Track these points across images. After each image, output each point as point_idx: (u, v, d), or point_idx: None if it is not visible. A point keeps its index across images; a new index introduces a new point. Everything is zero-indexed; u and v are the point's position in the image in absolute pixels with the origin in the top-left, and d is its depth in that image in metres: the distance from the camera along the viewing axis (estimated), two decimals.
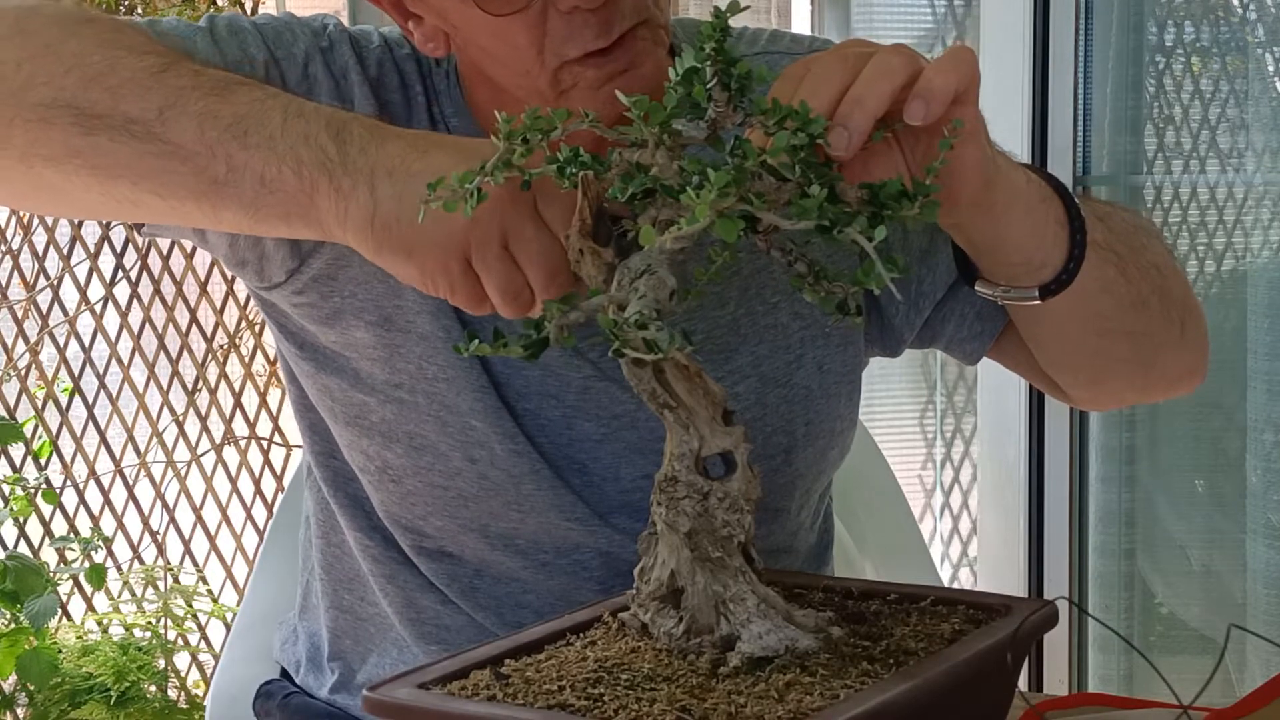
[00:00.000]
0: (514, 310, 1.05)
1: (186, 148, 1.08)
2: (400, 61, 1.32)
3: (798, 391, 1.34)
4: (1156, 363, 1.35)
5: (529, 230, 1.03)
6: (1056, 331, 1.30)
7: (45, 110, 1.09)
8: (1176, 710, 1.00)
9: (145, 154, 1.08)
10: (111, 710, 3.28)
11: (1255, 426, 2.36)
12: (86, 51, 1.11)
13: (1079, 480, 2.62)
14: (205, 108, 1.08)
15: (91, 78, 1.10)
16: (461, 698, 0.93)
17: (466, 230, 1.02)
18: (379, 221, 1.04)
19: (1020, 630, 0.98)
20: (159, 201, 1.10)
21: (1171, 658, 2.63)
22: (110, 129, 1.08)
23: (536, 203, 1.04)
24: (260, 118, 1.07)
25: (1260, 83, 2.47)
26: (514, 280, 1.04)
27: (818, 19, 3.22)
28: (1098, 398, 1.45)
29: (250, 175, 1.07)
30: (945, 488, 3.17)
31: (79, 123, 1.09)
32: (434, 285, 1.06)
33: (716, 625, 0.98)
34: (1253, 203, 2.49)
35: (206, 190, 1.08)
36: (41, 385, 3.60)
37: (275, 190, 1.07)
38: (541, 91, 1.23)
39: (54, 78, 1.10)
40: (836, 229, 0.92)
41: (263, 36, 1.26)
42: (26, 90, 1.10)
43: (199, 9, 3.35)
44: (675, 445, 0.99)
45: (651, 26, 1.24)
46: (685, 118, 0.98)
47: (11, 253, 3.55)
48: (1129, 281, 1.25)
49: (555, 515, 1.32)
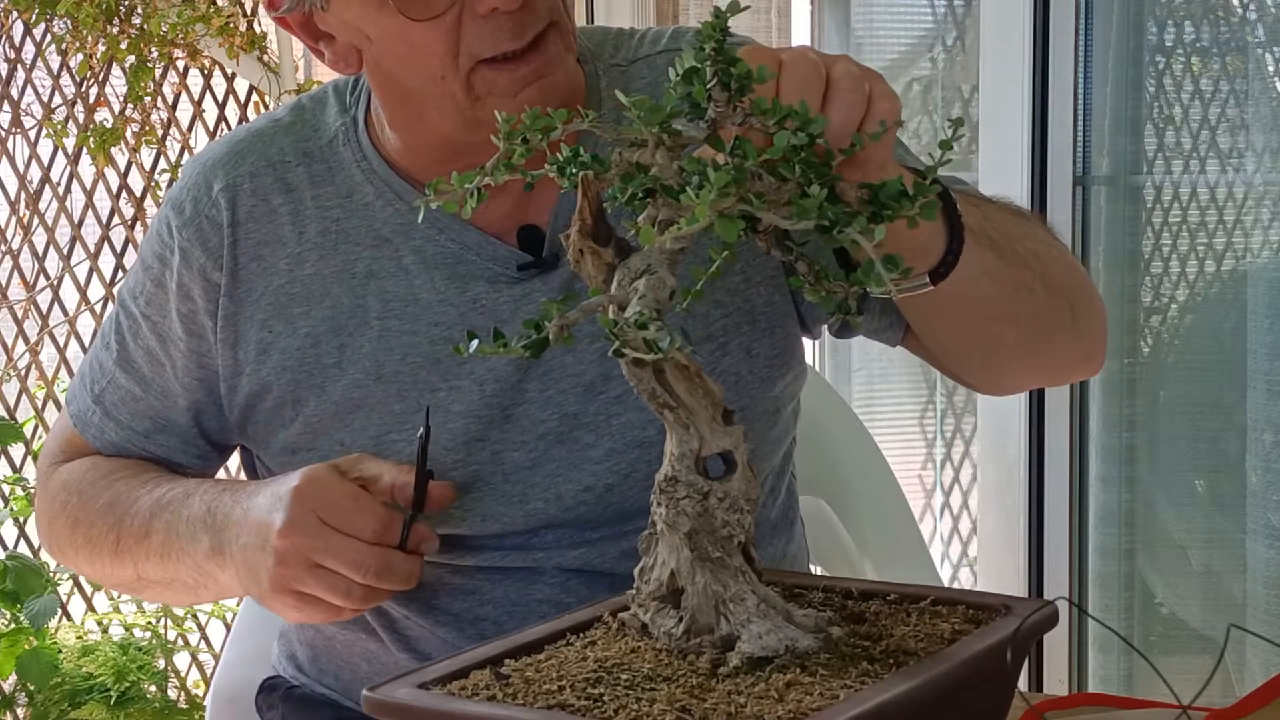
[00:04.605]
0: (358, 602, 1.26)
1: (164, 580, 1.41)
2: (271, 158, 1.40)
3: (725, 379, 1.35)
4: (1047, 347, 1.36)
5: (321, 544, 1.24)
6: (943, 321, 1.32)
7: (121, 585, 1.51)
8: (1176, 710, 1.00)
9: (159, 590, 1.45)
10: (111, 710, 3.28)
11: (1255, 426, 2.36)
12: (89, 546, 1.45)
13: (1079, 480, 2.62)
14: (146, 552, 1.39)
15: (112, 574, 1.46)
16: (461, 698, 0.93)
17: (284, 575, 1.26)
18: (244, 584, 1.31)
19: (1020, 630, 0.98)
20: (195, 599, 1.50)
21: (1171, 658, 2.63)
22: (141, 586, 1.46)
23: (320, 517, 1.25)
24: (170, 539, 1.36)
25: (1260, 83, 2.47)
26: (337, 584, 1.25)
27: (818, 19, 3.22)
28: (997, 383, 1.48)
29: (198, 575, 1.37)
30: (945, 488, 3.17)
31: (137, 589, 1.49)
32: (299, 616, 1.31)
33: (716, 625, 0.98)
34: (1253, 203, 2.49)
35: (195, 589, 1.40)
36: (41, 385, 3.60)
37: (209, 580, 1.37)
38: (455, 97, 1.27)
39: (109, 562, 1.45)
40: (836, 229, 0.92)
41: (141, 313, 1.43)
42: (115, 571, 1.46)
43: (199, 9, 3.35)
44: (676, 445, 0.99)
45: (561, 30, 1.29)
46: (685, 118, 0.98)
47: (11, 253, 3.55)
48: (1008, 265, 1.26)
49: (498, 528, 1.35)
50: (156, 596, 1.51)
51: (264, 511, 1.28)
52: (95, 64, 3.46)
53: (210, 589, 1.39)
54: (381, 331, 1.34)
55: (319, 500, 1.25)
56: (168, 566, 1.38)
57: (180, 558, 1.36)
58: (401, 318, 1.34)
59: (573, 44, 1.31)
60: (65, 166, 3.57)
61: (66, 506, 1.45)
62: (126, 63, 3.41)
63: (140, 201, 3.55)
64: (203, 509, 1.34)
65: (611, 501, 1.33)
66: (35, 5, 3.38)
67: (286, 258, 1.37)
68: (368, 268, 1.35)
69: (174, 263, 1.39)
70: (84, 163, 3.57)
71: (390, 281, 1.35)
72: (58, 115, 3.52)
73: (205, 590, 1.39)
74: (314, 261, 1.36)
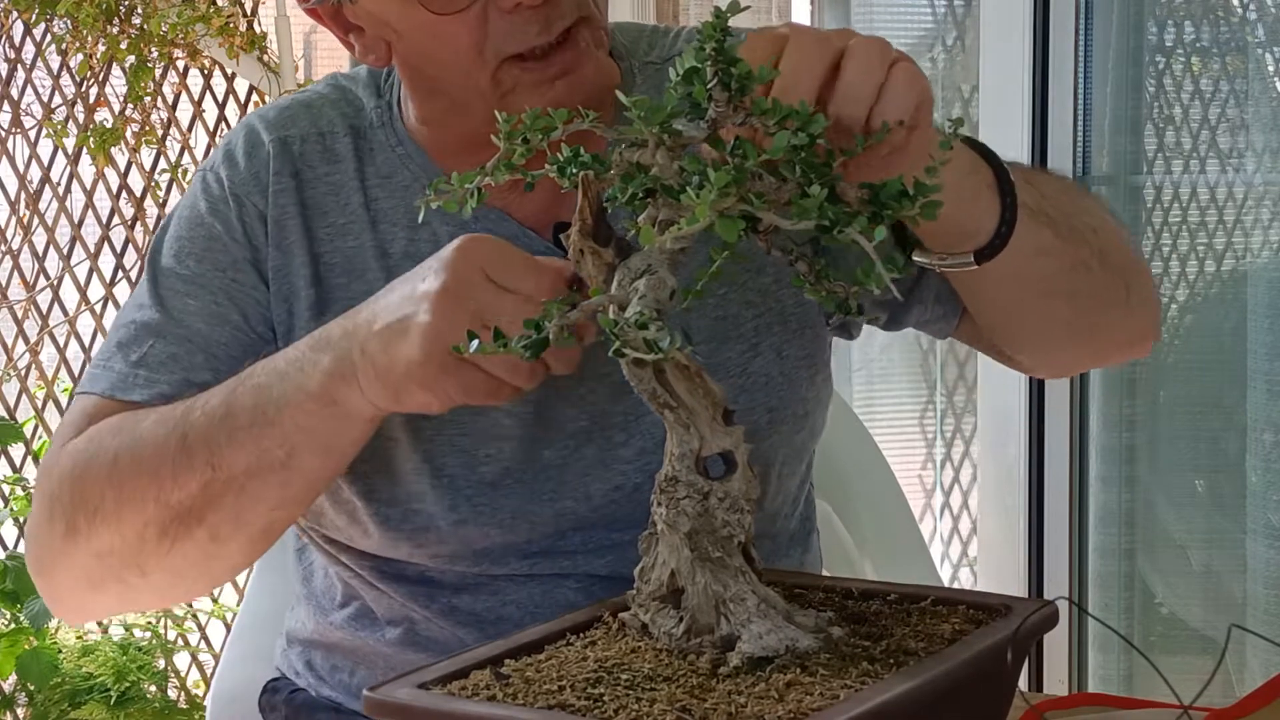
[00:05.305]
0: (525, 378, 1.12)
1: (248, 468, 1.22)
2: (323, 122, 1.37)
3: (756, 380, 1.34)
4: (1102, 325, 1.35)
5: (494, 301, 1.10)
6: (997, 298, 1.31)
7: (162, 530, 1.25)
8: (1177, 710, 1.00)
9: (231, 496, 1.23)
10: (111, 710, 3.28)
11: (1255, 426, 2.36)
12: (140, 483, 1.25)
13: (1079, 480, 2.62)
14: (229, 431, 1.21)
15: (168, 497, 1.24)
16: (461, 698, 0.93)
17: (443, 333, 1.10)
18: (379, 374, 1.15)
19: (1020, 630, 0.98)
20: (277, 496, 1.24)
21: (1171, 658, 2.63)
22: (208, 498, 1.23)
23: (489, 274, 1.11)
24: (265, 395, 1.21)
25: (1260, 83, 2.47)
26: (505, 355, 1.08)
27: (818, 19, 3.22)
28: (1050, 364, 1.47)
29: (296, 434, 1.20)
30: (945, 488, 3.17)
31: (193, 522, 1.24)
32: (445, 395, 1.14)
33: (717, 625, 0.98)
34: (1253, 203, 2.49)
35: (284, 466, 1.22)
36: (41, 385, 3.60)
37: (317, 424, 1.20)
38: (483, 92, 1.26)
39: (144, 504, 1.25)
40: (836, 229, 0.92)
41: (193, 271, 1.34)
42: (143, 538, 1.26)
43: (199, 9, 3.35)
44: (676, 445, 0.99)
45: (591, 26, 1.26)
46: (685, 118, 0.98)
47: (11, 253, 3.55)
48: (1065, 243, 1.26)
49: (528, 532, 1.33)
50: (227, 516, 1.24)
51: (412, 286, 1.14)
52: (95, 64, 3.46)
53: (313, 445, 1.21)
54: None
55: (487, 258, 1.12)
56: (257, 437, 1.21)
57: (279, 412, 1.20)
58: None
59: (604, 39, 1.29)
60: (65, 166, 3.57)
61: (101, 448, 1.27)
62: (126, 63, 3.41)
63: (140, 201, 3.54)
64: (306, 343, 1.22)
65: (640, 501, 1.31)
66: (35, 5, 3.38)
67: (327, 227, 1.35)
68: (404, 249, 1.33)
69: (230, 213, 1.35)
70: (84, 163, 3.57)
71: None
72: (58, 115, 3.52)
73: (302, 454, 1.21)
74: (356, 235, 1.35)
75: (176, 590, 1.38)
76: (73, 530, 1.28)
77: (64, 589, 1.34)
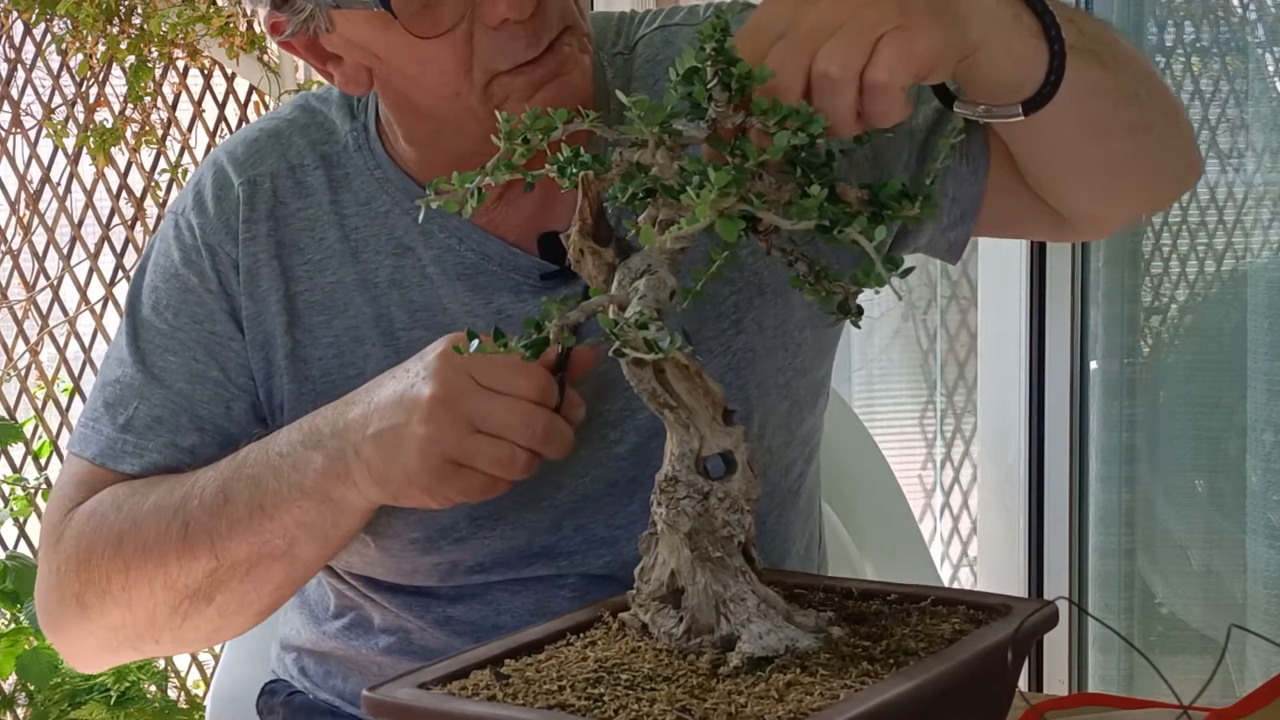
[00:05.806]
0: (520, 471, 1.16)
1: (250, 557, 1.26)
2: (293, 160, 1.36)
3: (743, 358, 1.33)
4: (1162, 155, 1.32)
5: (484, 406, 1.14)
6: (1056, 144, 1.26)
7: (173, 609, 1.30)
8: (1177, 710, 1.00)
9: (237, 580, 1.27)
10: (111, 710, 3.28)
11: (1255, 426, 2.36)
12: (147, 575, 1.29)
13: (1079, 480, 2.62)
14: (229, 523, 1.25)
15: (175, 582, 1.28)
16: (461, 698, 0.93)
17: (438, 442, 1.15)
18: (376, 479, 1.19)
19: (1020, 630, 0.98)
20: (282, 578, 1.29)
21: (1171, 658, 2.62)
22: (215, 582, 1.28)
23: (476, 380, 1.15)
24: (261, 489, 1.24)
25: (1260, 83, 2.46)
26: (500, 450, 1.15)
27: None
28: (1109, 213, 1.41)
29: (295, 528, 1.24)
30: (945, 488, 3.17)
31: (202, 602, 1.29)
32: (445, 498, 1.18)
33: (717, 625, 0.98)
34: (1253, 203, 2.49)
35: (286, 555, 1.26)
36: (41, 385, 3.60)
37: (314, 519, 1.23)
38: (473, 110, 1.24)
39: (146, 596, 1.30)
40: (836, 229, 0.92)
41: (171, 325, 1.35)
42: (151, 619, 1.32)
43: (199, 9, 3.35)
44: (676, 445, 0.99)
45: (576, 33, 1.25)
46: (685, 118, 0.98)
47: (11, 253, 3.55)
48: (1114, 76, 1.22)
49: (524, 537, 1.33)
50: (234, 597, 1.29)
51: (401, 390, 1.18)
52: (95, 64, 3.46)
53: (312, 537, 1.24)
54: (409, 342, 1.29)
55: (473, 363, 1.16)
56: (257, 529, 1.24)
57: (276, 507, 1.23)
58: (430, 328, 1.30)
59: (588, 45, 1.28)
60: (65, 166, 3.57)
61: (103, 528, 1.30)
62: (126, 63, 3.41)
63: (140, 201, 3.55)
64: (296, 437, 1.24)
65: (636, 493, 1.31)
66: (35, 5, 3.38)
67: (305, 264, 1.33)
68: (390, 276, 1.32)
69: (204, 263, 1.34)
70: (84, 163, 3.57)
71: (415, 291, 1.32)
72: (58, 115, 3.52)
73: (302, 545, 1.25)
74: (334, 269, 1.33)
75: (192, 648, 1.49)
76: (83, 606, 1.32)
77: (80, 650, 1.40)
